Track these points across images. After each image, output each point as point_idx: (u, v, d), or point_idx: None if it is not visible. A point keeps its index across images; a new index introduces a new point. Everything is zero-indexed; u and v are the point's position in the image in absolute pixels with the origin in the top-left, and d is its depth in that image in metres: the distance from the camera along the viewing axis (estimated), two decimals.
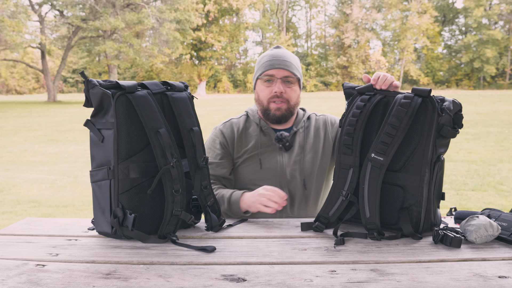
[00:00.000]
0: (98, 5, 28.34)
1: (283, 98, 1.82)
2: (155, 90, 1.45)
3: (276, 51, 1.88)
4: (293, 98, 1.85)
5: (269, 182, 1.79)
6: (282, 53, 1.86)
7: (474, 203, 5.10)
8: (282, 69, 1.82)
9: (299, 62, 1.92)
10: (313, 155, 1.84)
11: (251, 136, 1.88)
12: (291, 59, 1.85)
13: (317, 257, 1.25)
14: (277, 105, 1.83)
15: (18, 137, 11.56)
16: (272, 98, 1.83)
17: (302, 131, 1.88)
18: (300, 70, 1.90)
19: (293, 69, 1.84)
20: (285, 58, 1.84)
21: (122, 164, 1.36)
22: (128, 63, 31.02)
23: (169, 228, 1.41)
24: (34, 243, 1.38)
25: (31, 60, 41.29)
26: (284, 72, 1.82)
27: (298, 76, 1.85)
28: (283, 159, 1.83)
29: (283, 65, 1.82)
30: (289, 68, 1.82)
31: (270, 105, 1.84)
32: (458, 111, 1.44)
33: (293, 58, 1.87)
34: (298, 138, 1.87)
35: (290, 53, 1.89)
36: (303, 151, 1.85)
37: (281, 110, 1.83)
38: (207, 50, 37.58)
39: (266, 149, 1.85)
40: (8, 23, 23.55)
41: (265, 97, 1.85)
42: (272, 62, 1.83)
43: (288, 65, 1.83)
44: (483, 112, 16.08)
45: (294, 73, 1.83)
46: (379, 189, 1.40)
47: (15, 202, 5.41)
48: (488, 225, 1.34)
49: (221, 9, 36.82)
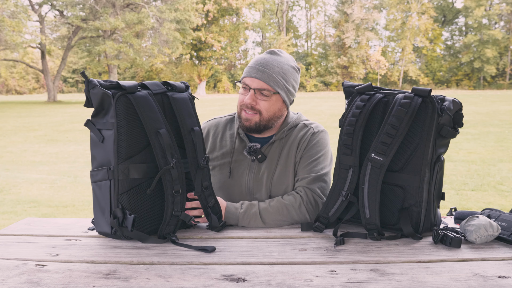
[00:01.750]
0: (98, 5, 28.34)
1: (255, 109, 1.68)
2: (155, 91, 1.45)
3: (264, 57, 1.71)
4: (267, 110, 1.69)
5: (236, 192, 1.74)
6: (267, 61, 1.68)
7: (474, 203, 5.10)
8: (257, 80, 1.66)
9: (289, 74, 1.71)
10: (283, 169, 1.71)
11: (226, 140, 1.79)
12: (274, 70, 1.67)
13: (317, 257, 1.25)
14: (247, 115, 1.69)
15: (18, 137, 11.56)
16: (245, 108, 1.70)
17: (279, 143, 1.75)
18: (286, 83, 1.70)
19: (271, 81, 1.66)
20: (267, 68, 1.67)
21: (122, 165, 1.36)
22: (128, 63, 31.02)
23: (169, 228, 1.41)
24: (34, 243, 1.39)
25: (31, 60, 41.31)
26: (258, 83, 1.66)
27: (276, 89, 1.67)
28: (253, 171, 1.72)
29: (259, 76, 1.66)
30: (265, 80, 1.66)
31: (241, 113, 1.72)
32: (458, 110, 1.44)
33: (277, 69, 1.68)
34: (274, 149, 1.74)
35: (280, 62, 1.70)
36: (275, 165, 1.72)
37: (251, 121, 1.69)
38: (207, 50, 37.59)
39: (238, 157, 1.75)
40: (8, 23, 23.55)
41: (239, 103, 1.73)
42: (250, 70, 1.69)
43: (265, 77, 1.66)
44: (483, 112, 16.08)
45: (271, 86, 1.66)
46: (379, 189, 1.40)
47: (15, 202, 5.41)
48: (488, 225, 1.34)
49: (221, 9, 36.81)
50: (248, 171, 1.73)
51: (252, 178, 1.72)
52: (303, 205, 1.60)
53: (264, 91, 1.67)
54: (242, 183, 1.73)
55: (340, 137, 1.48)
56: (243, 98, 1.71)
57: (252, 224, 1.57)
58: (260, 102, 1.68)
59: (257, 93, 1.68)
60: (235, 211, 1.59)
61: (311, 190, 1.64)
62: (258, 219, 1.57)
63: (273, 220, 1.58)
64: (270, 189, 1.70)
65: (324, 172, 1.70)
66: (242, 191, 1.74)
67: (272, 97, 1.69)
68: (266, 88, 1.67)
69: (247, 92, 1.70)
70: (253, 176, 1.72)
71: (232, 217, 1.58)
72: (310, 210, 1.61)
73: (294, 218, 1.59)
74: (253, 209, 1.58)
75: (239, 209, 1.59)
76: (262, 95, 1.68)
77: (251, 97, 1.67)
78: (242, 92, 1.72)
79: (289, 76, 1.71)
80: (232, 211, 1.59)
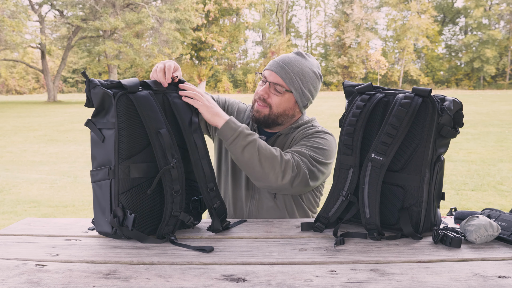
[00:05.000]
0: (98, 5, 28.34)
1: (266, 102, 1.73)
2: (156, 90, 1.45)
3: (289, 55, 1.76)
4: (277, 105, 1.73)
5: (243, 178, 1.78)
6: (290, 60, 1.73)
7: (474, 203, 5.10)
8: (274, 74, 1.72)
9: (308, 77, 1.74)
10: None
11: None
12: (293, 69, 1.71)
13: (317, 257, 1.25)
14: (258, 107, 1.75)
15: (18, 137, 11.56)
16: (259, 99, 1.75)
17: (284, 137, 1.79)
18: (302, 85, 1.73)
19: (287, 79, 1.70)
20: (287, 66, 1.71)
21: (122, 164, 1.36)
22: (128, 63, 31.03)
23: (167, 228, 1.41)
24: (34, 243, 1.39)
25: (31, 60, 41.32)
26: (275, 78, 1.72)
27: (289, 88, 1.71)
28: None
29: (277, 71, 1.71)
30: (281, 76, 1.71)
31: (255, 104, 1.77)
32: (458, 110, 1.44)
33: (297, 70, 1.72)
34: (278, 142, 1.79)
35: (302, 64, 1.73)
36: None
37: (260, 113, 1.74)
38: (207, 50, 37.60)
39: None
40: (8, 23, 23.56)
41: (255, 95, 1.78)
42: (272, 63, 1.75)
43: (283, 73, 1.71)
44: (483, 112, 16.08)
45: (286, 83, 1.71)
46: (379, 189, 1.40)
47: (15, 202, 5.41)
48: (488, 225, 1.34)
49: (221, 9, 36.82)
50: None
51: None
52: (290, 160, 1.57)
53: (277, 87, 1.72)
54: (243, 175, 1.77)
55: (341, 137, 1.48)
56: (258, 91, 1.77)
57: (247, 149, 1.53)
58: (273, 96, 1.73)
59: (271, 87, 1.73)
60: (237, 125, 1.55)
61: (299, 154, 1.63)
62: (255, 147, 1.53)
63: (263, 155, 1.54)
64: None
65: (320, 159, 1.67)
66: (249, 179, 1.76)
67: (285, 95, 1.73)
68: (281, 84, 1.72)
69: (263, 85, 1.76)
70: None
71: (230, 128, 1.54)
72: (290, 168, 1.56)
73: (276, 166, 1.54)
74: (254, 136, 1.57)
75: (244, 127, 1.56)
76: (275, 90, 1.73)
77: (265, 89, 1.74)
78: (261, 84, 1.79)
79: (307, 79, 1.75)
80: (235, 124, 1.55)
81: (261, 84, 1.78)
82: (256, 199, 1.78)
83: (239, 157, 1.56)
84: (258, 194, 1.78)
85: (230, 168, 1.83)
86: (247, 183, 1.79)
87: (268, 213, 1.77)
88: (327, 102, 22.55)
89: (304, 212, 1.82)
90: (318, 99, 25.31)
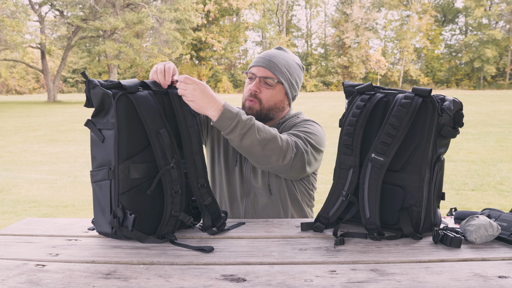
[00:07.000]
0: (98, 5, 28.34)
1: (257, 97, 1.75)
2: (156, 91, 1.45)
3: (271, 51, 1.81)
4: (267, 99, 1.75)
5: (237, 179, 1.79)
6: (274, 54, 1.78)
7: (474, 203, 5.10)
8: (263, 68, 1.74)
9: (293, 69, 1.80)
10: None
11: None
12: (280, 62, 1.76)
13: (317, 257, 1.25)
14: (250, 103, 1.76)
15: (18, 137, 11.56)
16: (249, 96, 1.76)
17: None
18: (290, 76, 1.79)
19: (276, 71, 1.74)
20: (273, 59, 1.75)
21: (122, 165, 1.36)
22: (128, 63, 31.03)
23: (167, 228, 1.41)
24: (34, 243, 1.39)
25: (31, 60, 41.33)
26: (264, 72, 1.74)
27: (280, 79, 1.75)
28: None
29: (265, 65, 1.74)
30: (271, 69, 1.74)
31: (245, 103, 1.78)
32: (458, 110, 1.44)
33: (283, 62, 1.77)
34: None
35: (286, 57, 1.80)
36: None
37: (252, 110, 1.75)
38: (207, 50, 37.60)
39: None
40: (8, 23, 23.56)
41: (244, 94, 1.79)
42: (257, 60, 1.78)
43: (271, 66, 1.74)
44: (483, 112, 16.08)
45: (275, 75, 1.74)
46: (379, 189, 1.40)
47: (15, 202, 5.41)
48: (488, 225, 1.34)
49: (221, 9, 36.83)
50: (246, 159, 1.78)
51: (250, 165, 1.78)
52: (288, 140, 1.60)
53: (268, 80, 1.74)
54: (243, 170, 1.80)
55: (341, 137, 1.48)
56: (248, 88, 1.77)
57: (246, 136, 1.51)
58: (264, 90, 1.76)
59: (262, 81, 1.76)
60: (233, 113, 1.50)
61: (295, 135, 1.66)
62: (254, 133, 1.52)
63: (264, 138, 1.53)
64: (268, 177, 1.75)
65: (313, 142, 1.70)
66: (243, 178, 1.79)
67: (276, 87, 1.76)
68: (271, 77, 1.75)
69: (252, 82, 1.78)
70: (250, 164, 1.77)
71: (227, 118, 1.50)
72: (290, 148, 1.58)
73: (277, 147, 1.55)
74: (252, 121, 1.54)
75: (240, 113, 1.52)
76: (266, 84, 1.75)
77: (256, 84, 1.75)
78: (248, 82, 1.80)
79: (293, 70, 1.81)
80: (230, 113, 1.50)
81: (249, 82, 1.80)
82: (251, 197, 1.79)
83: (239, 145, 1.55)
84: (253, 192, 1.79)
85: (223, 169, 1.84)
86: (242, 181, 1.81)
87: (264, 210, 1.78)
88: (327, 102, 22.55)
89: (299, 207, 1.83)
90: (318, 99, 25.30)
